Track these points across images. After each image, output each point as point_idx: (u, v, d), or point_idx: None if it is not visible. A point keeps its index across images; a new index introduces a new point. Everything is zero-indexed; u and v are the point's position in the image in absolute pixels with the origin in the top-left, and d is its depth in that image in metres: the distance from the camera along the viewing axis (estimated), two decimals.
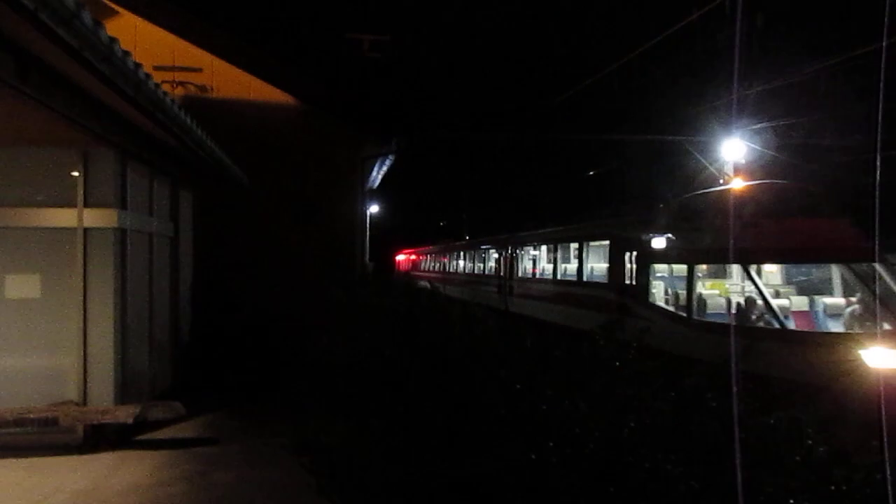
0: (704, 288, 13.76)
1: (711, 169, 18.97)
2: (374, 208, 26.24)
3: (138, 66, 6.38)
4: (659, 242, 13.38)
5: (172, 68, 14.13)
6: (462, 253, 32.11)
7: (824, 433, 2.64)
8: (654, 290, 14.23)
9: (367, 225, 19.95)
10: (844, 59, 14.88)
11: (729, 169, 18.39)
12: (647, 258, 13.89)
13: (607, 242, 16.45)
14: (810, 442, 2.57)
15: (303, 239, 14.73)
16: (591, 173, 27.60)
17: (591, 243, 18.03)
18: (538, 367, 3.07)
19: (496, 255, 25.67)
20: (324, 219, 15.14)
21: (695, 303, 12.51)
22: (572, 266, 19.32)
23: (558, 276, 19.45)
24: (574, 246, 19.19)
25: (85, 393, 8.20)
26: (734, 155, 18.29)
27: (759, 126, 17.81)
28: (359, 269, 16.22)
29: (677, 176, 21.24)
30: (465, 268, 30.99)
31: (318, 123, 15.14)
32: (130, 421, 7.90)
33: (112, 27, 6.68)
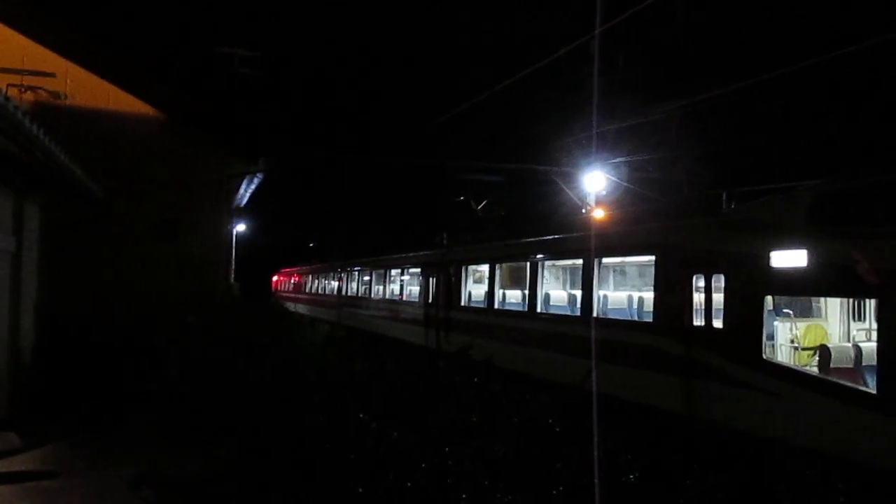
0: (802, 337, 8.86)
1: (575, 199, 19.85)
2: (241, 227, 25.51)
3: None
4: (792, 258, 8.08)
5: (21, 71, 13.19)
6: (364, 273, 26.09)
7: None
8: (769, 341, 8.77)
9: (234, 244, 19.37)
10: (695, 102, 16.05)
11: (591, 199, 19.30)
12: (758, 286, 8.64)
13: (651, 258, 10.87)
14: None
15: (163, 257, 14.13)
16: (461, 199, 27.56)
17: (606, 260, 12.47)
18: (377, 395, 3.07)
19: (422, 277, 19.89)
20: (186, 236, 14.59)
21: None
22: (559, 294, 14.44)
23: (538, 308, 13.59)
24: (572, 263, 13.96)
25: None
26: (595, 186, 19.18)
27: (617, 160, 18.83)
28: (222, 289, 15.68)
29: (545, 204, 21.99)
30: (368, 291, 25.17)
31: (184, 138, 14.61)
32: None
33: None
